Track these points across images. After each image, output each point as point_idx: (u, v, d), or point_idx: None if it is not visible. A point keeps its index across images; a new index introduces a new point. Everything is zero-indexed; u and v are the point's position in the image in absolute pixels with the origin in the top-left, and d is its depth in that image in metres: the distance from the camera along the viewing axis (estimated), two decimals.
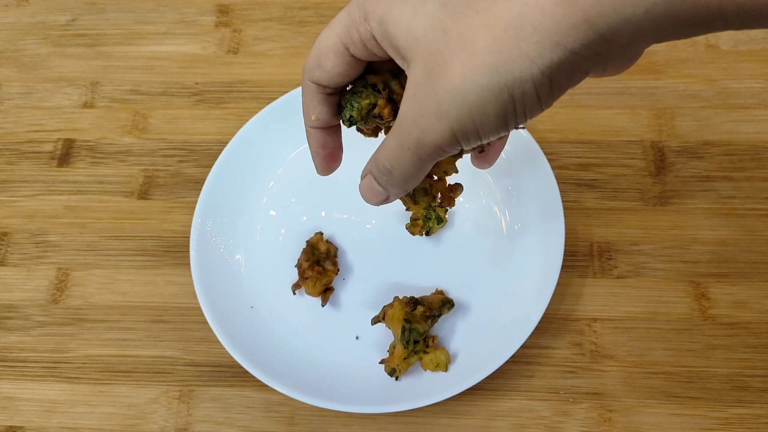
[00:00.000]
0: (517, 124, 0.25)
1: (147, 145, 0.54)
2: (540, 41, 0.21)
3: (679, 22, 0.21)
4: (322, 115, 0.30)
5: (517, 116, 0.24)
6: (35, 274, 0.49)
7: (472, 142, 0.26)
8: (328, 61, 0.28)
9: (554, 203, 0.45)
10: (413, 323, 0.42)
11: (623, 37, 0.21)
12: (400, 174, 0.28)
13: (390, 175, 0.28)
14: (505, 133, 0.26)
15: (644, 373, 0.43)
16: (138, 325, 0.47)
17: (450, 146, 0.26)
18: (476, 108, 0.23)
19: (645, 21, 0.21)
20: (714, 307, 0.45)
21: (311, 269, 0.44)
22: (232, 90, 0.56)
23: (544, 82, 0.22)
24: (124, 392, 0.45)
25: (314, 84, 0.29)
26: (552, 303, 0.42)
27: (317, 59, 0.28)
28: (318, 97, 0.30)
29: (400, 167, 0.27)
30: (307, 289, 0.45)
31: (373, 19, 0.25)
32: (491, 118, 0.24)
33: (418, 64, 0.24)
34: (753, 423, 0.42)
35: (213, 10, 0.60)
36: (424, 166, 0.27)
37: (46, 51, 0.59)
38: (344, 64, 0.28)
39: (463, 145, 0.26)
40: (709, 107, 0.52)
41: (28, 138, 0.55)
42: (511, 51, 0.22)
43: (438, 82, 0.24)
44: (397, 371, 0.42)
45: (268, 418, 0.44)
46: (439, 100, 0.24)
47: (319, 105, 0.30)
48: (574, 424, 0.42)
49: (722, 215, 0.48)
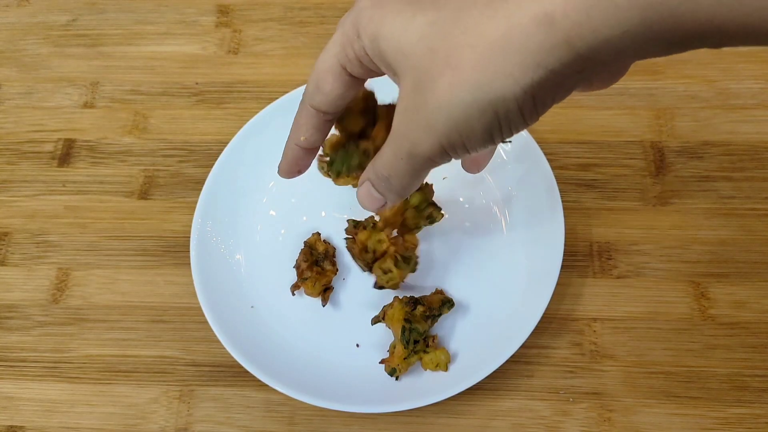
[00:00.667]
0: (504, 139, 0.26)
1: (147, 145, 0.54)
2: (523, 61, 0.22)
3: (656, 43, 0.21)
4: (312, 138, 0.31)
5: (502, 132, 0.25)
6: (36, 274, 0.50)
7: (461, 154, 0.27)
8: (327, 84, 0.29)
9: (554, 203, 0.45)
10: (413, 323, 0.42)
11: (603, 57, 0.22)
12: (397, 182, 0.29)
13: (388, 182, 0.29)
14: (492, 146, 0.27)
15: (644, 372, 0.43)
16: (138, 325, 0.47)
17: (440, 158, 0.27)
18: (463, 123, 0.24)
19: (623, 42, 0.21)
20: (714, 307, 0.45)
21: (310, 269, 0.45)
22: (232, 90, 0.56)
23: (527, 100, 0.23)
24: (125, 392, 0.45)
25: (314, 109, 0.30)
26: (552, 303, 0.42)
27: (316, 83, 0.29)
28: (313, 122, 0.31)
29: (397, 175, 0.28)
30: (307, 290, 0.45)
31: (366, 36, 0.26)
32: (477, 133, 0.25)
33: (408, 80, 0.25)
34: (753, 423, 0.42)
35: (213, 11, 0.60)
36: (419, 175, 0.29)
37: (46, 51, 0.59)
38: (342, 85, 0.29)
39: (453, 157, 0.27)
40: (709, 108, 0.52)
41: (28, 138, 0.55)
42: (495, 70, 0.23)
43: (426, 98, 0.24)
44: (398, 371, 0.42)
45: (269, 417, 0.44)
46: (427, 115, 0.25)
47: (312, 129, 0.31)
48: (573, 423, 0.42)
49: (722, 215, 0.48)
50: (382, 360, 0.42)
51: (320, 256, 0.46)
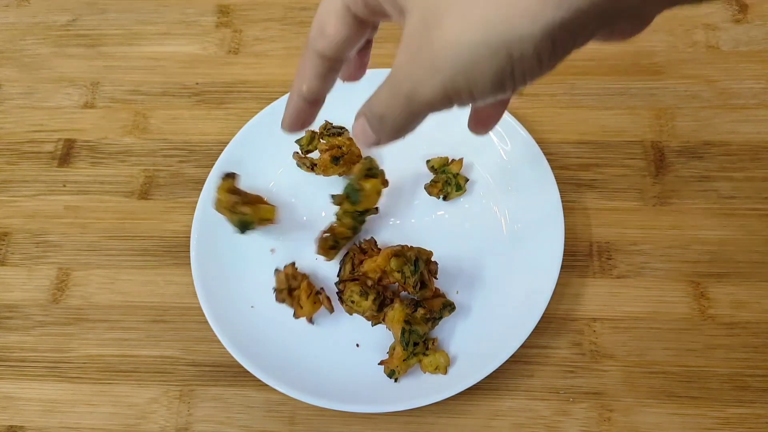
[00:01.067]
0: (515, 87, 0.24)
1: (147, 146, 0.54)
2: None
3: None
4: (315, 88, 0.29)
5: (514, 78, 0.23)
6: (36, 273, 0.50)
7: (465, 102, 0.24)
8: (330, 26, 0.27)
9: (554, 203, 0.45)
10: (413, 325, 0.42)
11: None
12: (391, 122, 0.27)
13: (381, 122, 0.27)
14: (502, 95, 0.24)
15: (644, 372, 0.43)
16: (138, 324, 0.47)
17: (441, 104, 0.25)
18: (471, 66, 0.22)
19: None
20: (714, 306, 0.45)
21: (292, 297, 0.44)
22: (232, 90, 0.56)
23: (545, 42, 0.21)
24: (125, 392, 0.45)
25: (317, 55, 0.28)
26: (552, 303, 0.43)
27: (320, 26, 0.27)
28: (316, 70, 0.29)
29: (392, 116, 0.26)
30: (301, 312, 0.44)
31: None
32: (486, 78, 0.23)
33: (414, 16, 0.23)
34: (753, 423, 0.42)
35: (214, 11, 0.60)
36: (416, 119, 0.26)
37: (46, 51, 0.59)
38: (346, 27, 0.27)
39: (456, 104, 0.25)
40: (709, 108, 0.52)
41: (28, 138, 0.55)
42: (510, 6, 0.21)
43: (433, 36, 0.22)
44: (397, 372, 0.42)
45: (269, 417, 0.44)
46: (433, 55, 0.23)
47: (315, 78, 0.29)
48: (573, 423, 0.42)
49: (722, 215, 0.48)
50: (381, 361, 0.42)
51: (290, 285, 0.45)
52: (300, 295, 0.44)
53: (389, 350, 0.43)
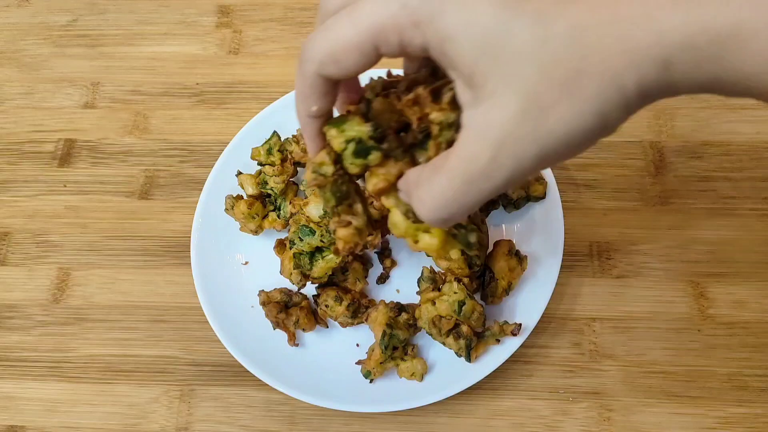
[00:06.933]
0: None
1: (148, 146, 0.54)
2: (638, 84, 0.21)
3: None
4: (325, 105, 0.27)
5: None
6: (36, 273, 0.50)
7: None
8: (349, 60, 0.24)
9: (554, 203, 0.45)
10: (395, 329, 0.41)
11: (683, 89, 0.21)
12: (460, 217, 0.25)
13: (446, 223, 0.26)
14: None
15: (644, 372, 0.43)
16: (139, 324, 0.47)
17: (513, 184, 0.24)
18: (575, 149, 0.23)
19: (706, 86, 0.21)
20: (713, 306, 0.45)
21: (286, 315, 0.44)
22: (232, 90, 0.56)
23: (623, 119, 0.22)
24: (125, 392, 0.45)
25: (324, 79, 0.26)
26: (551, 303, 0.43)
27: (333, 55, 0.24)
28: (322, 89, 0.27)
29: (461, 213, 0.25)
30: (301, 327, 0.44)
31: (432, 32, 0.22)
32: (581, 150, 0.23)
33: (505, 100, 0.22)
34: (752, 422, 0.42)
35: (214, 11, 0.60)
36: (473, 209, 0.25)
37: (47, 51, 0.59)
38: (367, 62, 0.25)
39: None
40: (709, 108, 0.52)
41: (29, 138, 0.55)
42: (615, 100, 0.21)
43: (537, 125, 0.22)
44: (372, 374, 0.42)
45: (269, 417, 0.44)
46: (540, 145, 0.22)
47: (322, 97, 0.27)
48: (573, 423, 0.42)
49: (722, 215, 0.48)
50: (358, 361, 0.42)
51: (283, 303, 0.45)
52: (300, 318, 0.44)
53: (368, 351, 0.43)
